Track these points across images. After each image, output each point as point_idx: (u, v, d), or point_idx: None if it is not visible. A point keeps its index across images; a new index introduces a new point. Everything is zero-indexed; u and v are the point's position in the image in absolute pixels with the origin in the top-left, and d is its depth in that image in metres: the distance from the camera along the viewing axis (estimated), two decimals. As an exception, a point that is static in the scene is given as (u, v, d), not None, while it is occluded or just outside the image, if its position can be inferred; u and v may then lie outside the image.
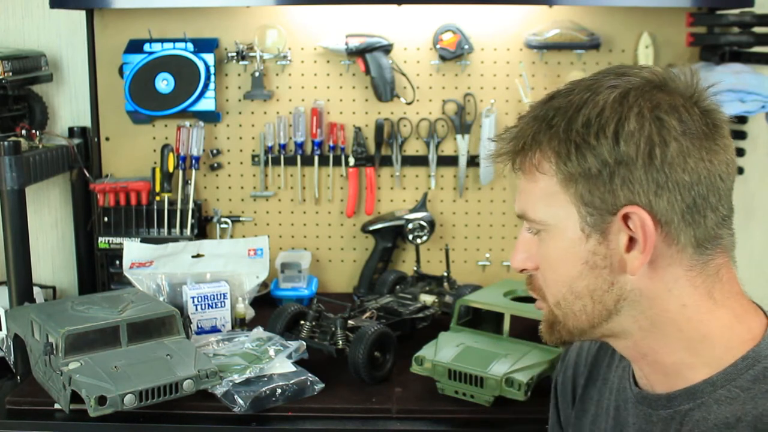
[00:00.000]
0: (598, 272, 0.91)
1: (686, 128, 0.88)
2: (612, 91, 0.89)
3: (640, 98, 0.88)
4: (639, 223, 0.88)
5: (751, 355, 0.90)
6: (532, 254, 0.96)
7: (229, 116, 2.22)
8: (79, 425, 1.50)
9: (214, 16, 2.17)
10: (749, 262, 2.30)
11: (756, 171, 2.23)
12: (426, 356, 1.58)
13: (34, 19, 2.19)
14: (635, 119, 0.87)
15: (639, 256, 0.89)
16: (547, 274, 0.96)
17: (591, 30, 2.15)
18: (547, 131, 0.91)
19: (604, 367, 1.11)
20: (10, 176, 1.76)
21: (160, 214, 2.16)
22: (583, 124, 0.88)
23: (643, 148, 0.87)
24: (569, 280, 0.93)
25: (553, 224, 0.92)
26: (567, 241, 0.92)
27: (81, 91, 2.21)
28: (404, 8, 2.14)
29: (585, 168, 0.88)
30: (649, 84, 0.90)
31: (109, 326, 1.55)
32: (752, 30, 2.03)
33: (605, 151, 0.87)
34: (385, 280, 2.08)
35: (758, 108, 1.97)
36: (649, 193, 0.87)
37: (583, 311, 0.93)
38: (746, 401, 0.87)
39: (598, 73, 0.94)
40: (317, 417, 1.54)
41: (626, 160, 0.87)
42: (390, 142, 2.22)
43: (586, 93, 0.90)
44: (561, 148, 0.89)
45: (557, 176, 0.90)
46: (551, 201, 0.92)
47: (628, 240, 0.89)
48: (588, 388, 1.12)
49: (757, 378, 0.89)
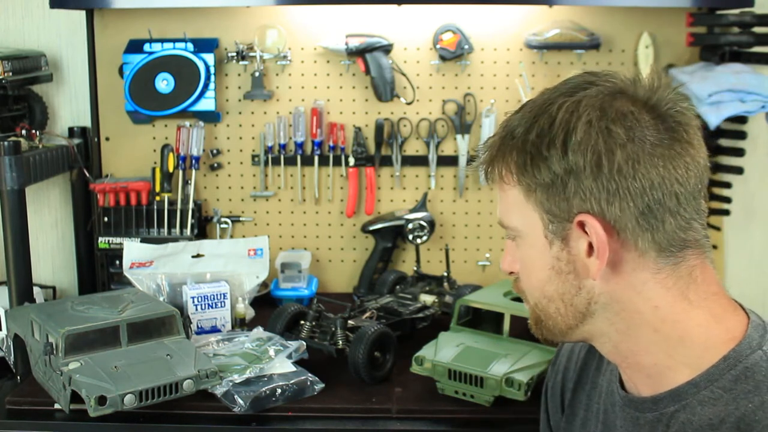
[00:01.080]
0: (564, 277, 0.95)
1: (633, 135, 0.89)
2: (565, 101, 0.92)
3: (590, 108, 0.90)
4: (593, 231, 0.91)
5: (731, 356, 0.91)
6: (514, 258, 1.01)
7: (229, 116, 2.22)
8: (79, 425, 1.50)
9: (214, 16, 2.17)
10: (749, 262, 2.31)
11: (756, 171, 2.23)
12: (426, 356, 1.58)
13: (34, 19, 2.19)
14: (582, 129, 0.89)
15: (596, 261, 0.91)
16: (523, 277, 1.01)
17: (591, 30, 2.15)
18: (509, 142, 0.95)
19: (592, 371, 1.12)
20: (10, 176, 1.76)
21: (160, 214, 2.16)
22: (537, 135, 0.92)
23: (590, 158, 0.89)
24: (540, 284, 0.97)
25: (523, 231, 0.97)
26: (535, 248, 0.96)
27: (81, 91, 2.21)
28: (404, 8, 2.14)
29: (540, 178, 0.92)
30: (605, 92, 0.92)
31: (109, 326, 1.55)
32: (752, 30, 2.03)
33: (555, 161, 0.90)
34: (385, 280, 2.08)
35: (758, 108, 1.97)
36: (600, 200, 0.89)
37: (558, 313, 0.97)
38: (729, 402, 0.88)
39: (568, 80, 0.96)
40: (317, 417, 1.54)
41: (575, 170, 0.89)
42: (390, 142, 2.22)
43: (546, 103, 0.94)
44: (519, 160, 0.94)
45: (519, 186, 0.95)
46: (520, 209, 0.96)
47: (588, 246, 0.91)
48: (577, 392, 1.14)
49: (738, 378, 0.89)
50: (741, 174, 2.14)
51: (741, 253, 2.30)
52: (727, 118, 1.99)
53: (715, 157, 2.17)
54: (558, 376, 1.20)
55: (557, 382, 1.20)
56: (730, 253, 2.29)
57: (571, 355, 1.18)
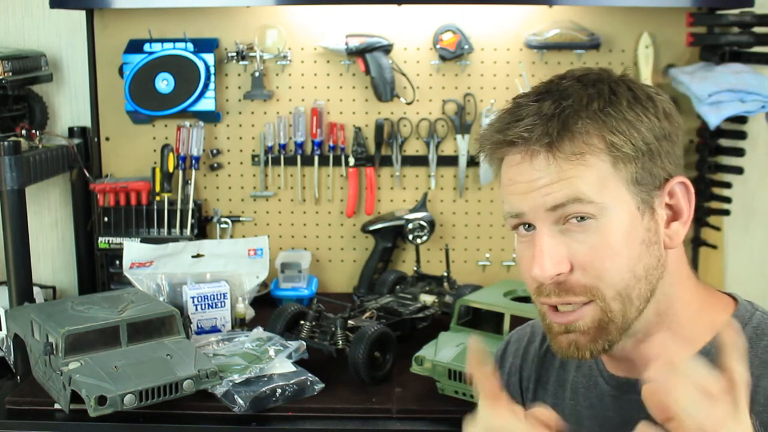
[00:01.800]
0: (652, 249, 0.91)
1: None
2: (608, 74, 0.94)
3: (638, 82, 0.95)
4: (682, 193, 0.92)
5: (735, 320, 0.93)
6: (563, 255, 0.90)
7: (229, 116, 2.22)
8: (79, 425, 1.50)
9: (214, 16, 2.16)
10: (749, 262, 2.31)
11: (756, 171, 2.22)
12: (426, 356, 1.58)
13: (34, 19, 2.19)
14: (660, 98, 0.92)
15: (681, 227, 0.93)
16: (604, 264, 0.89)
17: (591, 30, 2.15)
18: (584, 113, 0.89)
19: (555, 368, 1.09)
20: (10, 176, 1.76)
21: (160, 214, 2.16)
22: (627, 103, 0.90)
23: (675, 124, 0.92)
24: (631, 264, 0.90)
25: (611, 206, 0.89)
26: (625, 223, 0.89)
27: (81, 91, 2.21)
28: (404, 8, 2.14)
29: (638, 144, 0.89)
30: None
31: (109, 326, 1.55)
32: (752, 30, 2.03)
33: (652, 128, 0.90)
34: (385, 280, 2.08)
35: (758, 108, 1.97)
36: (678, 165, 0.93)
37: (638, 296, 0.91)
38: (752, 359, 0.89)
39: (551, 80, 0.96)
40: (317, 417, 1.54)
41: (666, 135, 0.91)
42: (390, 142, 2.22)
43: (586, 77, 0.93)
44: (609, 129, 0.89)
45: (608, 158, 0.89)
46: (605, 184, 0.89)
47: (669, 212, 0.93)
48: (538, 392, 1.11)
49: (751, 338, 0.93)
50: (741, 174, 2.14)
51: (741, 253, 2.30)
52: (727, 118, 1.99)
53: (715, 157, 2.17)
54: (512, 377, 1.15)
55: (512, 383, 1.15)
56: (730, 253, 2.29)
57: (521, 353, 1.15)
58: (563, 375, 1.08)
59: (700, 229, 2.23)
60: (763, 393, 0.88)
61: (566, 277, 0.90)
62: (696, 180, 2.20)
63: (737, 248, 2.29)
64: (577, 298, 0.90)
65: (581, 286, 0.90)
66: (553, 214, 0.89)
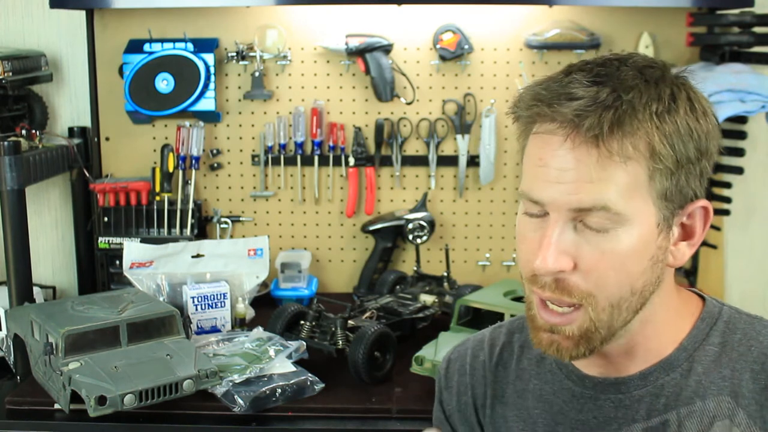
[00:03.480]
0: (656, 267, 0.88)
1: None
2: (665, 71, 0.87)
3: (687, 82, 0.88)
4: (700, 216, 0.90)
5: (705, 317, 0.95)
6: (570, 253, 0.85)
7: (229, 116, 2.22)
8: (79, 425, 1.50)
9: (214, 16, 2.16)
10: (749, 261, 2.31)
11: (756, 171, 2.22)
12: (426, 356, 1.58)
13: (34, 19, 2.19)
14: (711, 113, 0.87)
15: (688, 249, 0.91)
16: (607, 273, 0.85)
17: (591, 30, 2.15)
18: (640, 114, 0.82)
19: (512, 381, 1.05)
20: (10, 176, 1.76)
21: (160, 214, 2.16)
22: (686, 110, 0.84)
23: (716, 145, 0.88)
24: (633, 279, 0.86)
25: (632, 217, 0.84)
26: (641, 237, 0.85)
27: (81, 91, 2.21)
28: (404, 8, 2.14)
29: (680, 161, 0.84)
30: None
31: (109, 326, 1.55)
32: (752, 30, 2.03)
33: (702, 144, 0.85)
34: (385, 280, 2.08)
35: (758, 108, 1.97)
36: (703, 184, 0.89)
37: (628, 309, 0.88)
38: (729, 352, 0.92)
39: (610, 60, 0.89)
40: (317, 417, 1.54)
41: (708, 154, 0.87)
42: (390, 142, 2.22)
43: (644, 72, 0.85)
44: (660, 137, 0.83)
45: (648, 168, 0.83)
46: (634, 193, 0.84)
47: (682, 232, 0.90)
48: (496, 407, 1.06)
49: (724, 332, 0.94)
50: (741, 174, 2.14)
51: (741, 253, 2.30)
52: (727, 118, 1.99)
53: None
54: (463, 397, 1.10)
55: (465, 402, 1.10)
56: (730, 252, 2.29)
57: (468, 370, 1.10)
58: (521, 385, 1.04)
59: (700, 229, 2.23)
60: (746, 386, 0.89)
61: (566, 275, 0.86)
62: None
63: (737, 248, 2.29)
64: (571, 299, 0.87)
65: (578, 289, 0.87)
66: (574, 213, 0.85)
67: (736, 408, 0.88)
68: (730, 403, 0.89)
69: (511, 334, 1.09)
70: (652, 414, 0.92)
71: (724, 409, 0.89)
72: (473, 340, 1.14)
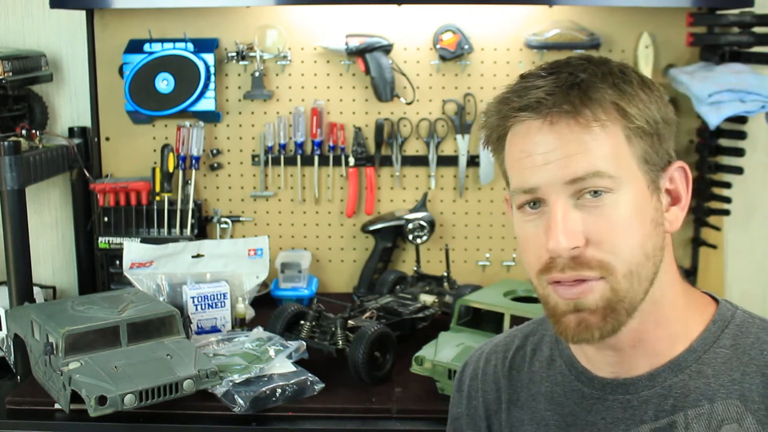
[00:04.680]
0: (659, 230, 0.91)
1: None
2: (608, 60, 0.94)
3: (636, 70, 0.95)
4: (681, 178, 0.93)
5: (718, 319, 0.95)
6: (578, 230, 0.87)
7: (229, 116, 2.22)
8: (79, 425, 1.50)
9: (214, 16, 2.17)
10: (749, 261, 2.31)
11: (756, 171, 2.23)
12: (426, 356, 1.58)
13: (34, 19, 2.19)
14: (658, 86, 0.94)
15: (680, 212, 0.93)
16: (619, 239, 0.87)
17: (591, 30, 2.15)
18: (602, 83, 0.89)
19: (525, 384, 1.06)
20: (10, 176, 1.76)
21: (160, 214, 2.16)
22: (639, 83, 0.91)
23: (672, 109, 0.94)
24: (643, 240, 0.89)
25: (625, 180, 0.88)
26: (638, 199, 0.89)
27: (81, 91, 2.21)
28: (404, 8, 2.14)
29: (650, 122, 0.90)
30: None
31: (109, 326, 1.55)
32: (752, 30, 2.03)
33: (658, 109, 0.91)
34: (385, 280, 2.08)
35: (758, 108, 1.97)
36: (672, 150, 0.94)
37: (646, 277, 0.90)
38: (740, 356, 0.91)
39: (555, 62, 0.94)
40: (317, 417, 1.54)
41: (669, 120, 0.92)
42: (390, 142, 2.22)
43: (591, 60, 0.92)
44: (627, 100, 0.89)
45: (623, 132, 0.88)
46: (620, 158, 0.88)
47: (669, 196, 0.93)
48: (512, 412, 1.06)
49: (736, 335, 0.93)
50: (741, 174, 2.14)
51: (741, 253, 2.30)
52: (727, 118, 1.99)
53: (715, 157, 2.17)
54: (473, 401, 1.11)
55: (474, 407, 1.11)
56: (730, 252, 2.29)
57: (480, 375, 1.11)
58: (534, 388, 1.05)
59: (700, 229, 2.23)
60: (756, 390, 0.89)
61: (581, 251, 0.87)
62: (696, 180, 2.20)
63: (737, 248, 2.29)
64: (592, 272, 0.88)
65: (596, 261, 0.87)
66: (570, 187, 0.87)
67: (745, 412, 0.88)
68: (739, 407, 0.88)
69: (526, 338, 1.10)
70: (659, 415, 0.92)
71: (733, 413, 0.88)
72: (490, 343, 1.15)
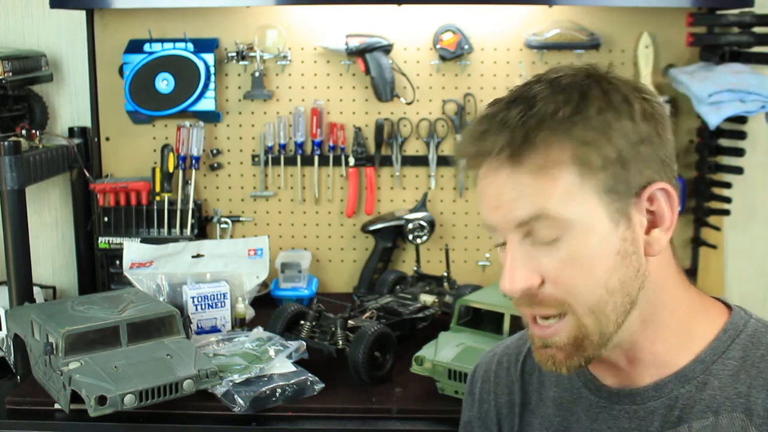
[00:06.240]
0: (629, 260, 0.88)
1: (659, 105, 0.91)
2: (578, 78, 0.89)
3: (617, 82, 0.89)
4: (664, 199, 0.88)
5: (729, 328, 0.92)
6: (532, 269, 0.88)
7: (229, 116, 2.22)
8: (79, 425, 1.50)
9: (214, 16, 2.16)
10: (749, 261, 2.31)
11: (756, 171, 2.23)
12: (426, 356, 1.58)
13: (34, 19, 2.19)
14: (635, 99, 0.88)
15: (662, 234, 0.89)
16: (574, 280, 0.87)
17: (591, 30, 2.15)
18: (550, 123, 0.85)
19: (536, 388, 1.06)
20: (10, 176, 1.76)
21: (160, 214, 2.16)
22: (597, 110, 0.85)
23: (653, 125, 0.88)
24: (604, 278, 0.87)
25: (579, 220, 0.86)
26: (598, 235, 0.86)
27: (81, 91, 2.21)
28: (404, 8, 2.14)
29: (609, 153, 0.85)
30: (591, 75, 0.90)
31: (109, 326, 1.55)
32: (752, 30, 2.03)
33: (627, 133, 0.86)
34: (385, 280, 2.08)
35: (758, 108, 1.97)
36: (659, 169, 0.88)
37: (614, 310, 0.88)
38: (749, 369, 0.89)
39: (527, 82, 0.91)
40: (317, 417, 1.54)
41: (644, 138, 0.87)
42: (390, 142, 2.22)
43: (556, 83, 0.88)
44: (574, 140, 0.85)
45: (574, 170, 0.85)
46: (572, 197, 0.85)
47: (648, 219, 0.89)
48: (525, 415, 1.06)
49: (746, 347, 0.91)
50: (741, 174, 2.14)
51: (741, 253, 2.30)
52: (727, 118, 1.99)
53: (715, 157, 2.17)
54: (484, 404, 1.11)
55: (485, 410, 1.11)
56: (730, 253, 2.29)
57: (492, 377, 1.11)
58: (544, 393, 1.05)
59: (700, 229, 2.23)
60: (762, 405, 0.87)
61: (537, 290, 0.88)
62: (696, 180, 2.20)
63: (737, 248, 2.29)
64: (549, 310, 0.89)
65: (553, 299, 0.88)
66: (522, 229, 0.88)
67: (749, 426, 0.87)
68: (744, 420, 0.87)
69: None
70: (665, 426, 0.91)
71: (737, 426, 0.87)
72: (503, 345, 1.14)
